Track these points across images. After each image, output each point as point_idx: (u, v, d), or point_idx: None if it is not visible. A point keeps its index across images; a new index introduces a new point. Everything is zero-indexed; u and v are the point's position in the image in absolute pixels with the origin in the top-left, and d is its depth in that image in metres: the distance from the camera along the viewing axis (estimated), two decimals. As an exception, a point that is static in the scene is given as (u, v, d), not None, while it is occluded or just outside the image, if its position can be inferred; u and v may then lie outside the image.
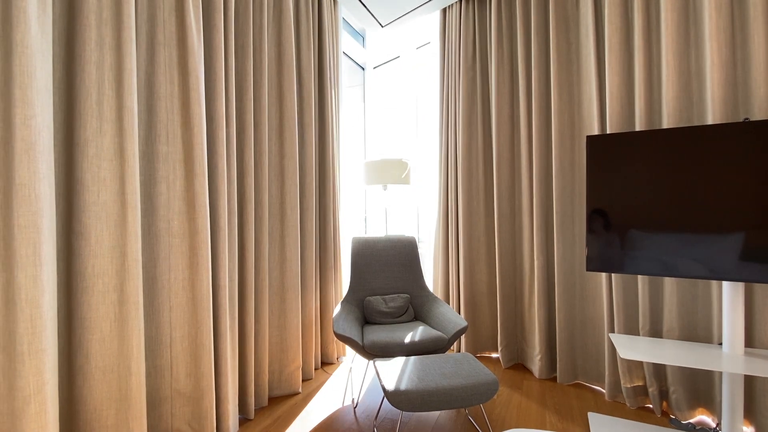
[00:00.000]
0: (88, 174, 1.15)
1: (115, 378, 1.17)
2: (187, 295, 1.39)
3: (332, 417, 1.86)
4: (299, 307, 2.07)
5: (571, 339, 2.12)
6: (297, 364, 2.06)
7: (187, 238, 1.40)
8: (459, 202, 2.55)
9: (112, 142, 1.20)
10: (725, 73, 1.54)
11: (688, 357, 1.41)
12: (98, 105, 1.17)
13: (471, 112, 2.55)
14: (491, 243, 2.55)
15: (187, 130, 1.41)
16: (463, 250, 2.52)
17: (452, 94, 2.64)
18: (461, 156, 2.53)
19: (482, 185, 2.57)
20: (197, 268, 1.40)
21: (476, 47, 2.55)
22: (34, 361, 0.96)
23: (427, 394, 1.36)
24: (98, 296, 1.15)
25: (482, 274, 2.55)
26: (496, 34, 2.38)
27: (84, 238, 1.14)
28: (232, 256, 1.65)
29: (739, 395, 1.38)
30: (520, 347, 2.43)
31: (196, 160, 1.41)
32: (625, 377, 1.83)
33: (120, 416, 1.17)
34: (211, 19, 1.55)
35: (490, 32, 2.47)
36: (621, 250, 1.56)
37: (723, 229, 1.37)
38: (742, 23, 1.53)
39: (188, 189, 1.41)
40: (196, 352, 1.40)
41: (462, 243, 2.52)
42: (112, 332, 1.17)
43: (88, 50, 1.16)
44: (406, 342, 1.86)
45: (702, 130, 1.42)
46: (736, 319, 1.41)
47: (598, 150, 1.62)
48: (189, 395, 1.40)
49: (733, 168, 1.36)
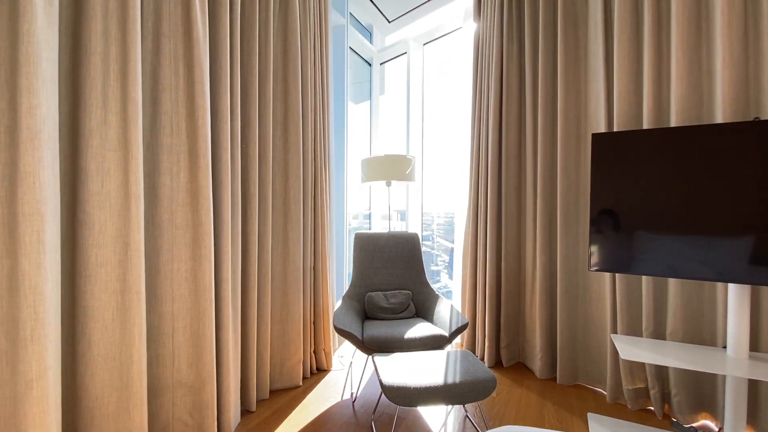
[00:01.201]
0: (92, 164, 1.16)
1: (117, 366, 1.19)
2: (190, 286, 1.41)
3: (331, 410, 1.87)
4: (301, 301, 2.08)
5: (572, 339, 2.10)
6: (298, 358, 2.08)
7: (190, 230, 1.41)
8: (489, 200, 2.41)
9: (117, 132, 1.21)
10: (737, 71, 1.50)
11: (691, 360, 1.39)
12: (103, 96, 1.18)
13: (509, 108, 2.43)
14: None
15: (192, 122, 1.41)
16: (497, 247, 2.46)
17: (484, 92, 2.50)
18: (492, 154, 2.41)
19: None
20: (200, 259, 1.41)
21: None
22: (36, 346, 0.97)
23: (424, 390, 1.36)
24: (101, 285, 1.17)
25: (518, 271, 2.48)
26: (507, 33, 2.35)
27: (87, 228, 1.15)
28: (236, 248, 1.67)
29: (743, 400, 1.36)
30: (521, 347, 2.43)
31: (200, 152, 1.42)
32: (626, 379, 1.82)
33: (121, 404, 1.19)
34: (216, 12, 1.55)
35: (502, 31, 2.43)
36: (626, 250, 1.54)
37: (731, 230, 1.35)
38: (756, 19, 1.50)
39: (192, 181, 1.42)
40: (198, 343, 1.41)
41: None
42: (114, 321, 1.19)
43: (93, 41, 1.17)
44: (406, 338, 1.86)
45: (711, 129, 1.39)
46: (742, 322, 1.38)
47: (603, 148, 1.59)
48: (191, 385, 1.41)
49: (742, 168, 1.33)
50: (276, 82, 1.99)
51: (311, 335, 2.27)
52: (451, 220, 4.29)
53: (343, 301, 2.24)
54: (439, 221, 4.17)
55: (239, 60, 1.67)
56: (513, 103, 2.38)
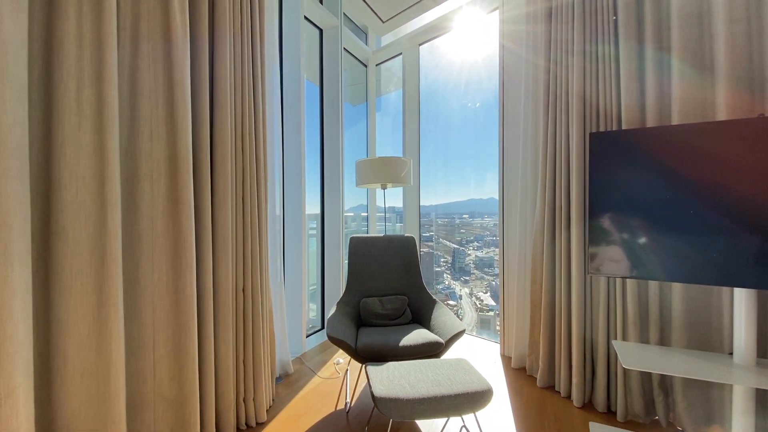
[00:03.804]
0: (65, 172, 1.11)
1: (94, 382, 1.14)
2: (171, 297, 1.36)
3: (324, 421, 1.81)
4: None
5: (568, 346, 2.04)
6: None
7: (171, 238, 1.36)
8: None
9: (92, 139, 1.16)
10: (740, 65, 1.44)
11: (695, 368, 1.33)
12: (77, 101, 1.14)
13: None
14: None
15: (172, 125, 1.37)
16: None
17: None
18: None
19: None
20: (181, 268, 1.36)
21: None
22: (4, 364, 0.93)
23: (417, 401, 1.31)
24: (76, 297, 1.12)
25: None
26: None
27: (61, 238, 1.11)
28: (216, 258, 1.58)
29: (750, 409, 1.29)
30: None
31: (181, 156, 1.37)
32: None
33: (98, 421, 1.14)
34: (197, 15, 1.50)
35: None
36: (625, 253, 1.48)
37: (737, 233, 1.28)
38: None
39: (173, 187, 1.37)
40: (179, 356, 1.36)
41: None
42: (90, 335, 1.14)
43: (66, 44, 1.12)
44: (401, 345, 1.81)
45: (714, 126, 1.33)
46: (749, 327, 1.32)
47: (601, 148, 1.54)
48: (173, 400, 1.36)
49: (748, 167, 1.27)
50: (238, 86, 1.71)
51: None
52: (452, 221, 4.24)
53: (337, 307, 2.18)
54: (440, 222, 4.12)
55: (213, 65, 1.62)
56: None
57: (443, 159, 3.98)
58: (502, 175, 2.56)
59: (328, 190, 3.25)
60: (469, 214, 4.10)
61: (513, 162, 2.49)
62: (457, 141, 4.04)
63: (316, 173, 3.28)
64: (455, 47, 3.48)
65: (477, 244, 4.16)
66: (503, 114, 2.54)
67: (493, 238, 3.90)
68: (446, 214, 4.13)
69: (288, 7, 2.76)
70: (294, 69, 2.71)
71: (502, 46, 2.52)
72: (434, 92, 3.70)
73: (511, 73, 2.49)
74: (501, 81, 2.55)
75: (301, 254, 2.69)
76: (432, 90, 3.67)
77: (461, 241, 4.21)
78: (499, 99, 2.56)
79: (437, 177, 3.84)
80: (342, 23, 3.21)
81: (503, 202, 2.57)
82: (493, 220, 3.65)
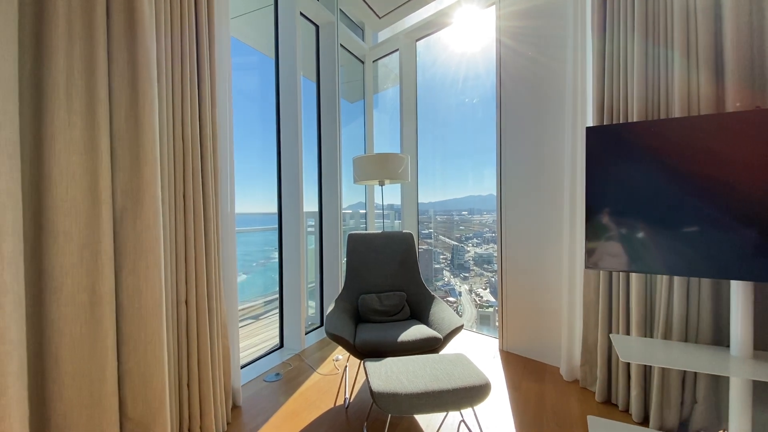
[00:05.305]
0: (55, 169, 1.09)
1: (87, 383, 1.13)
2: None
3: (323, 417, 1.81)
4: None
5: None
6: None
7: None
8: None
9: (83, 135, 1.14)
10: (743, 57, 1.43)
11: (691, 360, 1.33)
12: (67, 97, 1.12)
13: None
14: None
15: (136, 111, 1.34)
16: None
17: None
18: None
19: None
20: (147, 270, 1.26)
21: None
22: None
23: (415, 397, 1.30)
24: (67, 296, 1.10)
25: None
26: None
27: (52, 236, 1.09)
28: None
29: (747, 402, 1.29)
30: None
31: (148, 146, 1.27)
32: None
33: (93, 423, 1.13)
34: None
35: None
36: (623, 247, 1.47)
37: (733, 226, 1.28)
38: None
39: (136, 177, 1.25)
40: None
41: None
42: (83, 335, 1.12)
43: (55, 39, 1.10)
44: (399, 341, 1.80)
45: (711, 119, 1.32)
46: (745, 320, 1.32)
47: (597, 142, 1.53)
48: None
49: (745, 160, 1.26)
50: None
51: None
52: (451, 218, 4.22)
53: (336, 304, 2.18)
54: (439, 219, 4.11)
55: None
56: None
57: (441, 155, 3.97)
58: (500, 171, 2.56)
59: (326, 187, 3.23)
60: (468, 211, 4.09)
61: (511, 158, 2.48)
62: (455, 137, 4.02)
63: (314, 171, 3.27)
64: (452, 43, 3.47)
65: (476, 241, 4.15)
66: (501, 109, 2.53)
67: (492, 234, 3.89)
68: (445, 211, 4.12)
69: (284, 3, 2.74)
70: (290, 66, 2.70)
71: (498, 41, 2.51)
72: (432, 88, 3.68)
73: (508, 68, 2.48)
74: (498, 76, 2.53)
75: (300, 252, 2.68)
76: (429, 86, 3.65)
77: (460, 238, 4.20)
78: (497, 94, 2.55)
79: (435, 174, 3.83)
80: (338, 19, 3.19)
81: (501, 198, 2.56)
82: (492, 217, 3.64)
